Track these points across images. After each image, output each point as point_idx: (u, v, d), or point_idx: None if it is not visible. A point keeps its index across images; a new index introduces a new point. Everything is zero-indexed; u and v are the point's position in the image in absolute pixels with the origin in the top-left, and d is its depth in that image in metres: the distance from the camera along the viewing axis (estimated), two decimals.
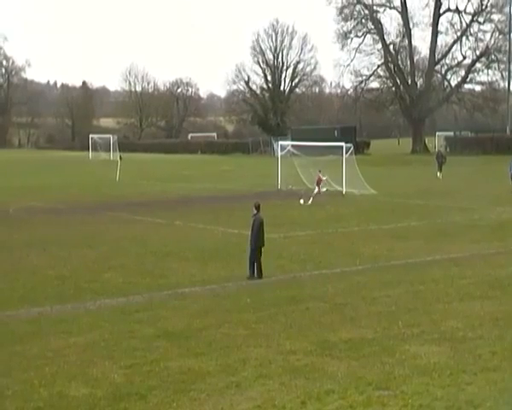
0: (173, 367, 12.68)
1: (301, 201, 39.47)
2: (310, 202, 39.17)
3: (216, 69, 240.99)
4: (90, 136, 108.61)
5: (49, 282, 20.38)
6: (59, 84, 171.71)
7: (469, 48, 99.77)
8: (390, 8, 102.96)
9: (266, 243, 20.73)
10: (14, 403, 11.18)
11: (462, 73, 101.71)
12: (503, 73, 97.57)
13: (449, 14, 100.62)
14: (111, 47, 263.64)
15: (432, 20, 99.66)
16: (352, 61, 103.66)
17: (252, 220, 20.76)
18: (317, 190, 40.58)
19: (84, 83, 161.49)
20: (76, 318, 16.43)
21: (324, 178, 41.86)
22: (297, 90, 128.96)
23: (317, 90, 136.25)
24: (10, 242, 27.75)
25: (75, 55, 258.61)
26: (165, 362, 12.96)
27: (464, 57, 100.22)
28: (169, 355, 13.41)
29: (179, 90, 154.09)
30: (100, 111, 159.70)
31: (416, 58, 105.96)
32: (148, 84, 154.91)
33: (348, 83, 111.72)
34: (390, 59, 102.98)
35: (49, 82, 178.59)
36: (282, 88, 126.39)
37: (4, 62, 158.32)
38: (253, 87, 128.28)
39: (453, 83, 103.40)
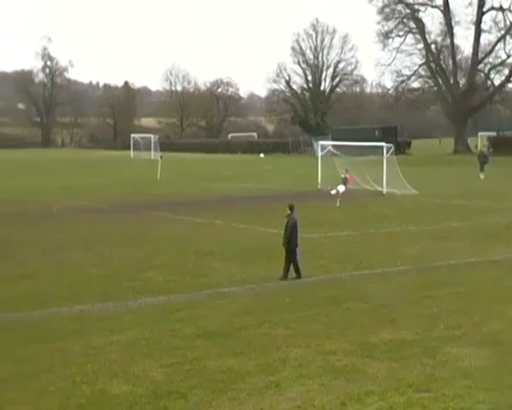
0: (213, 366, 12.74)
1: (333, 191, 39.58)
2: (338, 203, 39.03)
3: (256, 69, 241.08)
4: (132, 135, 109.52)
5: (92, 280, 20.63)
6: (101, 85, 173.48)
7: None
8: (432, 6, 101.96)
9: (307, 243, 20.71)
10: (56, 400, 11.34)
11: (506, 71, 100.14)
12: None
13: (492, 13, 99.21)
14: (152, 47, 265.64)
15: (475, 18, 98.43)
16: (393, 60, 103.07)
17: (285, 221, 20.73)
18: (344, 188, 40.40)
19: (126, 83, 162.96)
20: (118, 316, 16.60)
21: (351, 176, 42.10)
22: (337, 89, 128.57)
23: (357, 89, 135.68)
24: (54, 241, 28.12)
25: (117, 55, 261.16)
26: (205, 361, 13.02)
27: (508, 56, 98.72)
28: (209, 354, 13.46)
29: (220, 89, 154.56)
30: (141, 111, 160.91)
31: (458, 57, 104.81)
32: (189, 83, 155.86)
33: (389, 82, 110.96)
34: (432, 58, 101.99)
35: (91, 82, 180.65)
36: (322, 88, 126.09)
37: (48, 63, 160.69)
38: (294, 87, 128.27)
39: (496, 82, 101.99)
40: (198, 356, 13.35)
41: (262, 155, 46.47)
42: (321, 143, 56.65)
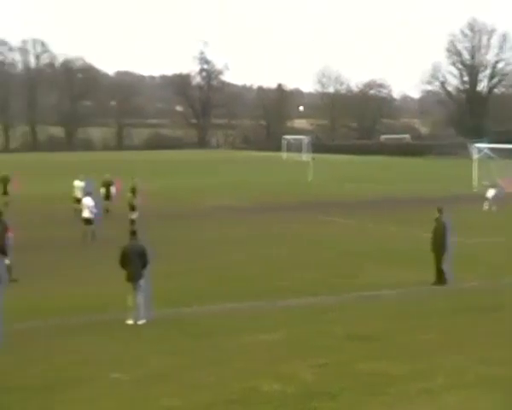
0: (363, 369, 12.56)
1: (485, 207, 37.98)
2: (486, 206, 37.55)
3: (409, 70, 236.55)
4: (284, 137, 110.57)
5: (242, 279, 20.95)
6: (255, 87, 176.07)
7: None
8: None
9: (461, 248, 20.08)
10: (207, 395, 11.52)
11: None
12: None
13: None
14: (305, 49, 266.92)
15: None
16: None
17: (434, 224, 20.12)
18: (493, 193, 38.72)
19: (279, 85, 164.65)
20: (267, 315, 16.75)
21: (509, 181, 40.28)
22: (495, 90, 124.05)
23: None
24: (205, 239, 28.84)
25: (271, 58, 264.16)
26: (355, 364, 12.87)
27: None
28: (359, 357, 13.30)
29: (372, 91, 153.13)
30: (294, 112, 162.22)
31: None
32: (341, 85, 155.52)
33: None
34: None
35: (245, 84, 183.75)
36: (479, 89, 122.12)
37: (205, 66, 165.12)
38: (449, 88, 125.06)
39: None
40: (348, 358, 13.23)
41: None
42: (477, 145, 54.87)
